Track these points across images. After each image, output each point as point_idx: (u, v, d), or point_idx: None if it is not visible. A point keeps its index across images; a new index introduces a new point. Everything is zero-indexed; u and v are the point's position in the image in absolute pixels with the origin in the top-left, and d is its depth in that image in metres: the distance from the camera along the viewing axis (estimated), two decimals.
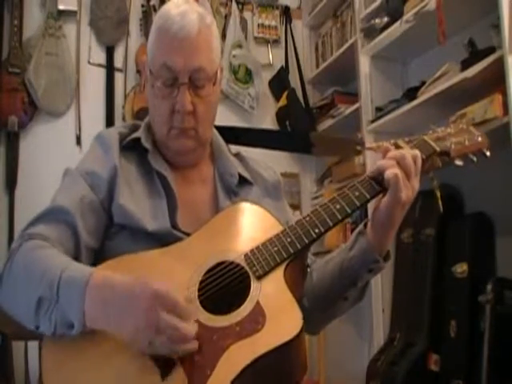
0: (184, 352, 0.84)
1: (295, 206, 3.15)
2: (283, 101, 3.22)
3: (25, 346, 1.69)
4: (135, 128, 1.18)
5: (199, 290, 0.94)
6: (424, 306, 2.30)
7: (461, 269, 2.16)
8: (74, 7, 2.92)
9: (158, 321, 0.81)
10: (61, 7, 2.87)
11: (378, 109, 2.65)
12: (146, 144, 1.13)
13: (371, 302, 2.54)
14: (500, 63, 1.85)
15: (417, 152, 1.02)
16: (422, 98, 2.28)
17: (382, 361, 2.34)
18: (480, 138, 1.11)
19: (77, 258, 1.01)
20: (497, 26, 1.91)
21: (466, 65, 2.08)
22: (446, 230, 2.32)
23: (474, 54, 2.08)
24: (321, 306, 1.12)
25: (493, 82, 1.90)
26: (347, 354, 2.96)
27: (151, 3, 3.04)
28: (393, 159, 0.99)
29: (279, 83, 3.30)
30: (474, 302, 2.04)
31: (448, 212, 2.35)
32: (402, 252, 2.52)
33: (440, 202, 1.10)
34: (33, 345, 0.94)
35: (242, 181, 1.19)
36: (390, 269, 2.54)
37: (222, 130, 1.26)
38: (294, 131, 3.12)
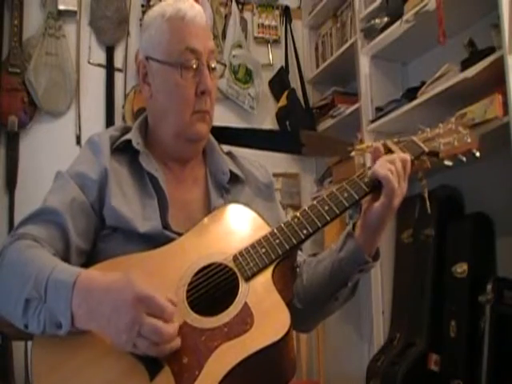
0: (167, 352, 0.84)
1: (295, 207, 3.15)
2: (283, 101, 3.21)
3: (25, 346, 1.70)
4: (126, 131, 1.19)
5: (188, 291, 0.94)
6: (424, 306, 2.30)
7: (461, 269, 2.16)
8: (74, 7, 2.92)
9: (141, 325, 0.82)
10: (61, 7, 2.87)
11: (378, 109, 2.64)
12: (137, 146, 1.14)
13: (371, 302, 2.54)
14: (500, 63, 1.85)
15: (406, 156, 1.03)
16: (421, 98, 2.28)
17: (382, 361, 2.34)
18: (469, 139, 1.10)
19: (67, 259, 1.01)
20: (497, 26, 1.91)
21: (466, 65, 2.08)
22: (446, 230, 2.32)
23: (474, 54, 2.07)
24: (312, 306, 1.12)
25: (493, 82, 1.90)
26: (347, 354, 2.96)
27: (151, 3, 3.03)
28: (385, 165, 1.00)
29: (279, 83, 3.29)
30: (474, 302, 2.04)
31: (448, 212, 2.36)
32: (402, 252, 2.52)
33: (428, 203, 1.10)
34: None
35: (234, 178, 1.19)
36: (390, 269, 2.54)
37: (211, 130, 1.26)
38: (284, 131, 3.09)
